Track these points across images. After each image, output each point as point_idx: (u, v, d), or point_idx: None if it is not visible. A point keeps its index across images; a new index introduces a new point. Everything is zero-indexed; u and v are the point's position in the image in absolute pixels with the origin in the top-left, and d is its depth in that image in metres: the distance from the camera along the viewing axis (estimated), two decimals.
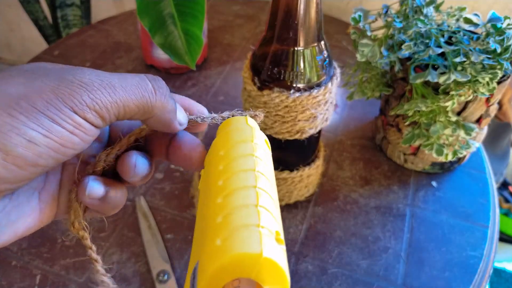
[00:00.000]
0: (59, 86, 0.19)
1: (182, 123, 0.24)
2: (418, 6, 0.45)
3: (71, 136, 0.19)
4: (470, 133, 0.45)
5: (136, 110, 0.21)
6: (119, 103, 0.20)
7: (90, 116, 0.20)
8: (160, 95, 0.22)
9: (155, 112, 0.22)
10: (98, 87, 0.20)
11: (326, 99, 0.39)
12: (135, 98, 0.21)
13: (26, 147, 0.18)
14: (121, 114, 0.21)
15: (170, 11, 0.47)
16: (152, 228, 0.47)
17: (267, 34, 0.37)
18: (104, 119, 0.20)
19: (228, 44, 0.75)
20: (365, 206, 0.51)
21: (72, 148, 0.20)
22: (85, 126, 0.20)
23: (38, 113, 0.18)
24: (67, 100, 0.19)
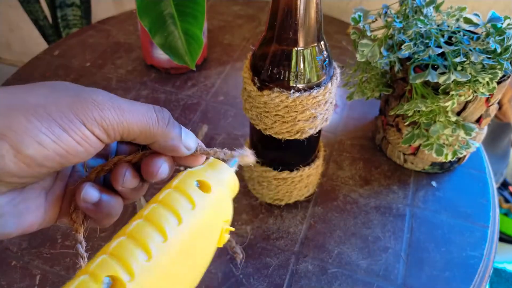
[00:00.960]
0: (75, 101, 0.22)
1: (190, 147, 0.27)
2: (418, 6, 0.45)
3: (77, 146, 0.22)
4: (470, 133, 0.45)
5: (139, 133, 0.24)
6: (125, 124, 0.23)
7: (97, 131, 0.22)
8: (162, 125, 0.25)
9: (157, 138, 0.25)
10: (109, 108, 0.22)
11: (326, 99, 0.39)
12: (140, 123, 0.23)
13: (36, 149, 0.20)
14: (125, 135, 0.23)
15: (170, 11, 0.47)
16: None
17: (267, 34, 0.37)
18: (109, 135, 0.23)
19: (228, 44, 0.75)
20: (365, 206, 0.51)
21: (76, 156, 0.22)
22: (91, 139, 0.22)
23: (52, 121, 0.21)
24: (79, 114, 0.21)
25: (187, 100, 0.63)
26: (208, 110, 0.62)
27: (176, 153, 0.26)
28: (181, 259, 0.24)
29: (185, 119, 0.60)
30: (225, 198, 0.28)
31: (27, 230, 0.24)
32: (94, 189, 0.25)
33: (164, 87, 0.65)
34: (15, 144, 0.20)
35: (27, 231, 0.24)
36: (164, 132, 0.25)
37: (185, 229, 0.24)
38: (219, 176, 0.27)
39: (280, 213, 0.50)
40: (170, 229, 0.23)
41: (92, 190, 0.25)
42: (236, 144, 0.57)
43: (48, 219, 0.25)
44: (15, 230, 0.23)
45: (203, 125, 0.58)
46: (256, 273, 0.44)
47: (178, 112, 0.61)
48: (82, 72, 0.68)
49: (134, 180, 0.26)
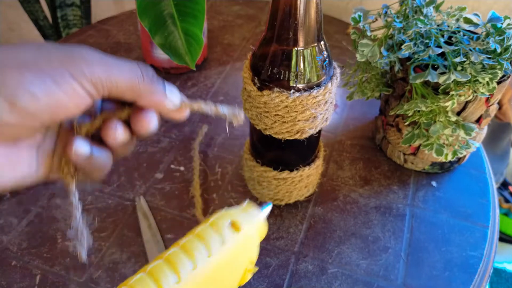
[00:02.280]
0: (64, 57, 0.23)
1: (175, 103, 0.27)
2: (418, 6, 0.45)
3: (66, 98, 0.23)
4: (470, 133, 0.45)
5: (125, 88, 0.25)
6: (112, 79, 0.24)
7: (86, 84, 0.23)
8: (147, 80, 0.26)
9: (143, 94, 0.26)
10: (97, 63, 0.23)
11: (326, 99, 0.39)
12: (126, 78, 0.25)
13: (29, 101, 0.22)
14: (113, 90, 0.24)
15: (170, 11, 0.47)
16: (152, 228, 0.47)
17: (267, 34, 0.37)
18: (98, 90, 0.24)
19: (228, 44, 0.75)
20: (365, 206, 0.51)
21: (67, 110, 0.23)
22: (81, 93, 0.23)
23: (43, 74, 0.22)
24: (69, 68, 0.23)
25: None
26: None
27: (161, 108, 0.27)
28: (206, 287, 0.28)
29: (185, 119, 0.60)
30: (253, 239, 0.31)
31: (21, 182, 0.25)
32: (85, 143, 0.26)
33: None
34: (9, 96, 0.21)
35: (20, 184, 0.25)
36: (149, 87, 0.26)
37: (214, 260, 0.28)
38: (250, 218, 0.31)
39: (280, 213, 0.50)
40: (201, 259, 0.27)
41: (83, 144, 0.26)
42: (236, 144, 0.57)
43: (40, 174, 0.26)
44: (9, 180, 0.25)
45: (203, 125, 0.58)
46: (256, 273, 0.44)
47: None
48: None
49: (125, 134, 0.27)
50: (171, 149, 0.56)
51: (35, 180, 0.26)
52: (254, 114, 0.41)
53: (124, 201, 0.50)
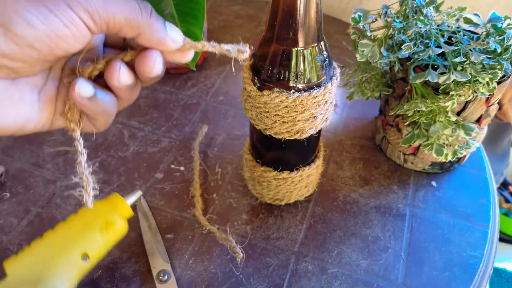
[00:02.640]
0: None
1: (176, 40, 0.27)
2: (418, 6, 0.45)
3: (64, 28, 0.22)
4: (470, 133, 0.45)
5: (124, 22, 0.24)
6: (109, 11, 0.23)
7: (83, 15, 0.23)
8: (145, 15, 0.25)
9: (142, 29, 0.25)
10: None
11: (326, 99, 0.39)
12: (123, 11, 0.24)
13: (25, 28, 0.21)
14: (111, 24, 0.24)
15: (170, 11, 0.47)
16: (152, 228, 0.47)
17: (267, 34, 0.37)
18: (96, 22, 0.23)
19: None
20: (365, 206, 0.51)
21: (65, 41, 0.23)
22: (78, 23, 0.23)
23: (39, 3, 0.22)
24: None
25: (187, 100, 0.63)
26: (208, 110, 0.62)
27: (163, 45, 0.26)
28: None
29: (185, 119, 0.60)
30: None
31: (25, 126, 0.25)
32: (88, 84, 0.25)
33: (164, 87, 0.65)
34: (4, 22, 0.21)
35: (25, 128, 0.25)
36: (148, 22, 0.25)
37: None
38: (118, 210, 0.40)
39: (280, 213, 0.50)
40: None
41: (86, 84, 0.25)
42: (236, 144, 0.57)
43: (43, 120, 0.26)
44: (12, 120, 0.24)
45: (203, 125, 0.58)
46: (256, 273, 0.44)
47: (178, 112, 0.61)
48: None
49: (129, 76, 0.27)
50: (171, 149, 0.56)
51: (39, 126, 0.26)
52: (254, 114, 0.41)
53: None
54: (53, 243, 0.36)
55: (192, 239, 0.47)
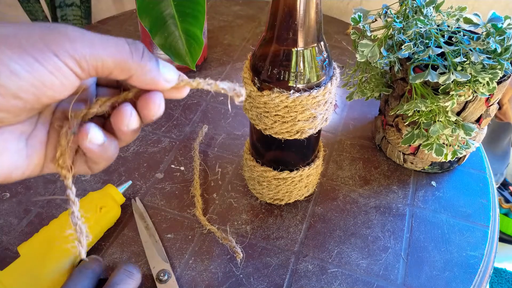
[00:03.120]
0: (46, 33, 0.22)
1: (170, 80, 0.26)
2: (418, 6, 0.45)
3: (51, 77, 0.21)
4: (470, 133, 0.45)
5: (114, 66, 0.23)
6: (97, 57, 0.23)
7: (70, 62, 0.22)
8: (136, 57, 0.24)
9: (134, 72, 0.24)
10: (80, 41, 0.22)
11: (325, 99, 0.39)
12: (113, 55, 0.23)
13: (9, 77, 0.20)
14: (100, 68, 0.23)
15: (170, 11, 0.47)
16: (149, 228, 0.47)
17: (267, 35, 0.37)
18: (83, 69, 0.22)
19: (228, 44, 0.75)
20: (364, 205, 0.51)
21: (52, 89, 0.22)
22: (65, 71, 0.22)
23: (23, 51, 0.21)
24: (50, 45, 0.21)
25: (187, 100, 0.63)
26: (208, 110, 0.62)
27: (156, 86, 0.25)
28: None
29: (185, 119, 0.60)
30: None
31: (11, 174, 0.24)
32: (99, 130, 0.24)
33: None
34: None
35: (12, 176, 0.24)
36: (139, 64, 0.24)
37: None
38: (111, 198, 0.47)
39: (280, 213, 0.50)
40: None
41: (97, 130, 0.24)
42: (236, 144, 0.57)
43: (32, 166, 0.25)
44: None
45: (203, 125, 0.58)
46: (256, 273, 0.44)
47: (178, 112, 0.61)
48: None
49: (138, 120, 0.26)
50: (172, 149, 0.56)
51: (28, 173, 0.25)
52: (254, 114, 0.41)
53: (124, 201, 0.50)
54: (56, 228, 0.42)
55: (192, 239, 0.47)
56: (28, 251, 0.41)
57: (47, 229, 0.43)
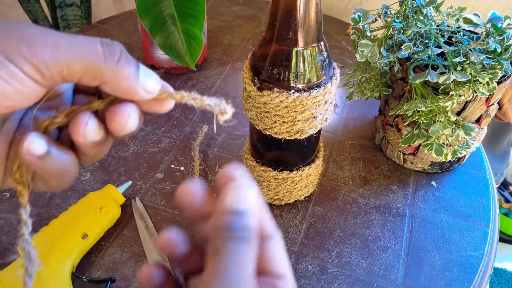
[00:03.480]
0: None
1: (150, 90, 0.22)
2: (417, 6, 0.45)
3: (3, 84, 0.19)
4: (470, 133, 0.45)
5: (82, 72, 0.20)
6: (61, 61, 0.20)
7: (26, 68, 0.19)
8: (110, 61, 0.21)
9: (106, 78, 0.21)
10: (40, 43, 0.19)
11: (325, 99, 0.39)
12: (81, 59, 0.20)
13: None
14: (66, 74, 0.20)
15: (170, 11, 0.47)
16: (149, 228, 0.47)
17: (267, 35, 0.37)
18: (44, 75, 0.20)
19: (228, 44, 0.75)
20: (364, 205, 0.51)
21: (6, 98, 0.19)
22: (21, 77, 0.19)
23: None
24: (3, 49, 0.19)
25: None
26: (208, 110, 0.62)
27: (132, 96, 0.22)
28: None
29: (185, 119, 0.60)
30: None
31: None
32: (40, 139, 0.21)
33: None
34: None
35: None
36: (113, 69, 0.21)
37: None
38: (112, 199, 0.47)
39: (280, 213, 0.50)
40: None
41: (38, 140, 0.21)
42: (236, 144, 0.57)
43: None
44: None
45: (203, 125, 0.58)
46: None
47: (178, 112, 0.61)
48: None
49: (98, 131, 0.22)
50: (172, 149, 0.56)
51: None
52: (254, 114, 0.41)
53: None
54: (57, 227, 0.43)
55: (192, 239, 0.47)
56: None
57: (47, 229, 0.42)
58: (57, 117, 0.22)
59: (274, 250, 0.24)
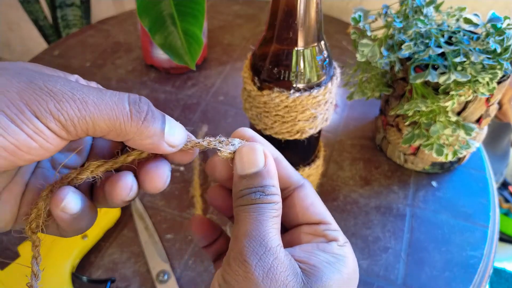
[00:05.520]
0: (27, 89, 0.18)
1: (174, 145, 0.22)
2: (418, 6, 0.45)
3: (29, 140, 0.18)
4: (470, 133, 0.45)
5: (108, 130, 0.20)
6: (88, 119, 0.19)
7: (53, 125, 0.19)
8: (136, 120, 0.20)
9: (131, 136, 0.21)
10: (68, 99, 0.19)
11: (326, 99, 0.39)
12: (107, 118, 0.20)
13: None
14: (91, 131, 0.20)
15: (170, 11, 0.47)
16: (149, 229, 0.47)
17: (267, 34, 0.37)
18: (70, 132, 0.19)
19: (228, 44, 0.75)
20: (365, 206, 0.51)
21: (29, 153, 0.19)
22: (46, 134, 0.19)
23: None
24: (31, 104, 0.18)
25: (187, 100, 0.63)
26: (208, 110, 0.62)
27: (157, 151, 0.22)
28: None
29: (185, 119, 0.60)
30: None
31: None
32: (78, 196, 0.21)
33: (164, 87, 0.65)
34: None
35: None
36: (139, 129, 0.20)
37: None
38: None
39: None
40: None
41: (76, 198, 0.21)
42: None
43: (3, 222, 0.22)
44: None
45: (203, 125, 0.58)
46: None
47: (178, 112, 0.61)
48: (82, 72, 0.68)
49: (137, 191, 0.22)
50: None
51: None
52: (254, 114, 0.41)
53: None
54: None
55: (192, 240, 0.47)
56: (28, 251, 0.41)
57: None
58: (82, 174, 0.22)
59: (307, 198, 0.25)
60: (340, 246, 0.23)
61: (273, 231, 0.21)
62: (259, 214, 0.21)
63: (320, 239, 0.23)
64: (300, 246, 0.23)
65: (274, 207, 0.22)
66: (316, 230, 0.24)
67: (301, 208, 0.24)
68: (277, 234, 0.22)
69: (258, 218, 0.21)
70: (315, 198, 0.25)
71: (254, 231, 0.21)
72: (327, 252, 0.22)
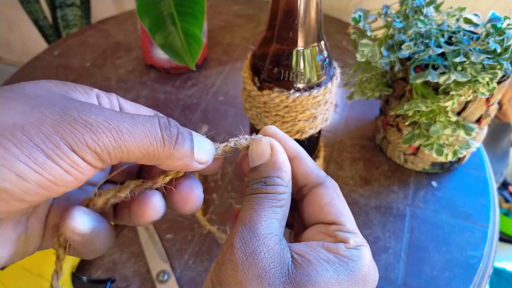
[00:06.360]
0: (61, 121, 0.18)
1: (203, 161, 0.22)
2: (418, 6, 0.45)
3: (65, 175, 0.18)
4: (470, 133, 0.45)
5: (141, 156, 0.20)
6: (123, 148, 0.19)
7: (89, 157, 0.19)
8: (168, 145, 0.21)
9: (163, 161, 0.21)
10: (103, 130, 0.19)
11: (326, 99, 0.39)
12: (142, 145, 0.20)
13: (14, 182, 0.17)
14: (125, 158, 0.20)
15: (170, 11, 0.47)
16: (149, 229, 0.47)
17: (267, 34, 0.37)
18: (104, 161, 0.19)
19: (228, 44, 0.75)
20: (365, 206, 0.51)
21: (64, 187, 0.19)
22: (82, 166, 0.19)
23: (33, 147, 0.17)
24: (67, 138, 0.18)
25: (187, 100, 0.63)
26: (208, 110, 0.62)
27: (187, 170, 0.22)
28: None
29: (185, 119, 0.60)
30: None
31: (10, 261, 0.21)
32: (88, 217, 0.21)
33: (164, 87, 0.65)
34: None
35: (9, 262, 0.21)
36: (171, 153, 0.21)
37: None
38: None
39: None
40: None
41: (85, 219, 0.20)
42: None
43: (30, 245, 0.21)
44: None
45: (203, 125, 0.58)
46: None
47: (178, 112, 0.61)
48: (82, 72, 0.68)
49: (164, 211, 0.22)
50: None
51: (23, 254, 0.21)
52: (254, 114, 0.41)
53: None
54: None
55: (192, 240, 0.47)
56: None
57: None
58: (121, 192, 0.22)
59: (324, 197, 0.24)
60: (349, 248, 0.23)
61: (268, 220, 0.21)
62: (256, 203, 0.22)
63: (329, 239, 0.23)
64: (307, 243, 0.23)
65: (275, 197, 0.22)
66: (328, 229, 0.23)
67: (318, 207, 0.24)
68: (275, 224, 0.22)
69: (254, 207, 0.22)
70: (334, 197, 0.24)
71: (247, 218, 0.21)
72: (330, 252, 0.22)
